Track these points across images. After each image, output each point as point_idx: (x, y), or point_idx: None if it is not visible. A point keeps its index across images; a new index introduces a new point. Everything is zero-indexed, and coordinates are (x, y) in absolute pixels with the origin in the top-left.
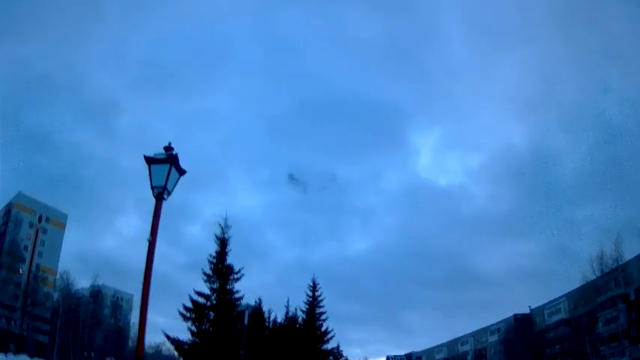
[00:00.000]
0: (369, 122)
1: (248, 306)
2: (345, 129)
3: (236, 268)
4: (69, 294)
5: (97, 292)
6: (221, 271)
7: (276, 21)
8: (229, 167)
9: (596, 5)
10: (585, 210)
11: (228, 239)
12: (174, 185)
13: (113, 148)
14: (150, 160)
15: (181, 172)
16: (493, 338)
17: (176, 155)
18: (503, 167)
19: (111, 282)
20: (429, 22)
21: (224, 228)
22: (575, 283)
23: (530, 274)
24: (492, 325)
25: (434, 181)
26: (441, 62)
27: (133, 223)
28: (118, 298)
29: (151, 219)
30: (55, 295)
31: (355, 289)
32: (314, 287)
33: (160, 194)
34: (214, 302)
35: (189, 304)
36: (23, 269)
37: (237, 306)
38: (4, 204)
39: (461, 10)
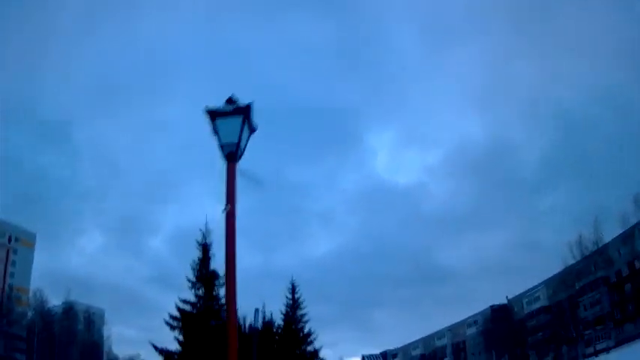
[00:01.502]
0: (324, 126)
1: (257, 309)
2: (300, 134)
3: (220, 274)
4: (43, 312)
5: (69, 308)
6: (205, 277)
7: (225, 29)
8: (185, 178)
9: None
10: (551, 198)
11: (209, 244)
12: (246, 144)
13: (72, 165)
14: (215, 114)
15: (252, 128)
16: (471, 331)
17: (249, 106)
18: (463, 162)
19: (82, 298)
20: (376, 21)
21: (205, 233)
22: (549, 271)
23: (503, 266)
24: (469, 317)
25: (393, 180)
26: (392, 61)
27: (97, 239)
28: (90, 313)
29: (224, 186)
30: (30, 314)
31: (322, 292)
32: (293, 289)
33: (233, 153)
34: (201, 309)
35: (175, 313)
36: None
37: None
38: None
39: (408, 6)
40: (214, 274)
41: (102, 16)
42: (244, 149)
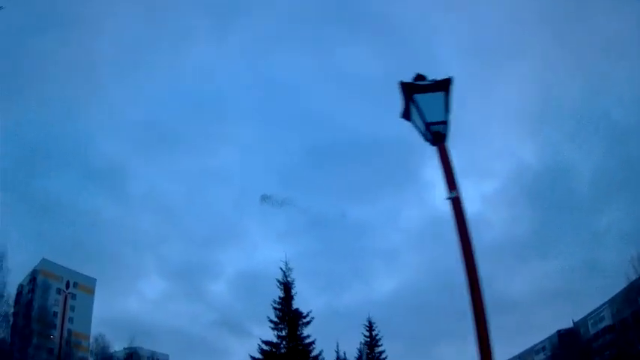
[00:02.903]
0: (379, 160)
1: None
2: (356, 169)
3: (304, 312)
4: (105, 357)
5: (132, 354)
6: (288, 316)
7: (273, 66)
8: (244, 221)
9: (587, 4)
10: (609, 214)
11: (291, 283)
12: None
13: (127, 211)
14: (413, 88)
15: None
16: (539, 357)
17: (450, 80)
18: (519, 188)
19: (144, 343)
20: (425, 51)
21: (286, 272)
22: (613, 290)
23: (566, 289)
24: (537, 344)
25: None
26: None
27: (157, 285)
28: (154, 359)
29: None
30: (91, 359)
31: (388, 329)
32: (370, 326)
33: (439, 134)
34: (284, 350)
35: (258, 355)
36: (55, 335)
37: (311, 351)
38: (29, 271)
39: (454, 36)
40: (298, 313)
41: (154, 59)
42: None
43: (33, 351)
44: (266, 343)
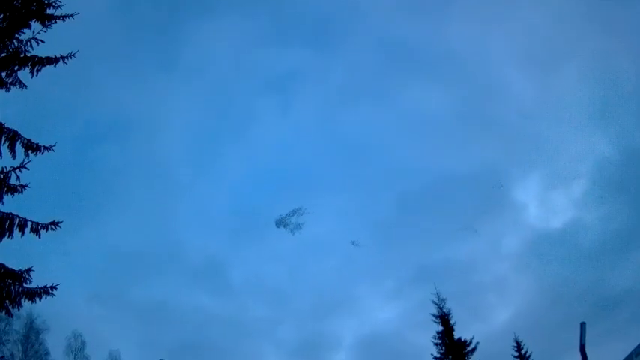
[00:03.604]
0: (470, 195)
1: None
2: (451, 210)
3: (467, 339)
4: None
5: None
6: (453, 349)
7: (342, 126)
8: (352, 288)
9: None
10: None
11: (449, 313)
12: None
13: (234, 301)
14: None
15: None
16: None
17: None
18: (605, 182)
19: None
20: (481, 72)
21: (439, 303)
22: None
23: None
24: None
25: (549, 227)
26: (511, 108)
27: None
28: None
29: None
30: None
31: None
32: (518, 346)
33: None
34: None
35: None
36: None
37: None
38: None
39: (509, 49)
40: (462, 343)
41: (226, 147)
42: None
43: None
44: None
